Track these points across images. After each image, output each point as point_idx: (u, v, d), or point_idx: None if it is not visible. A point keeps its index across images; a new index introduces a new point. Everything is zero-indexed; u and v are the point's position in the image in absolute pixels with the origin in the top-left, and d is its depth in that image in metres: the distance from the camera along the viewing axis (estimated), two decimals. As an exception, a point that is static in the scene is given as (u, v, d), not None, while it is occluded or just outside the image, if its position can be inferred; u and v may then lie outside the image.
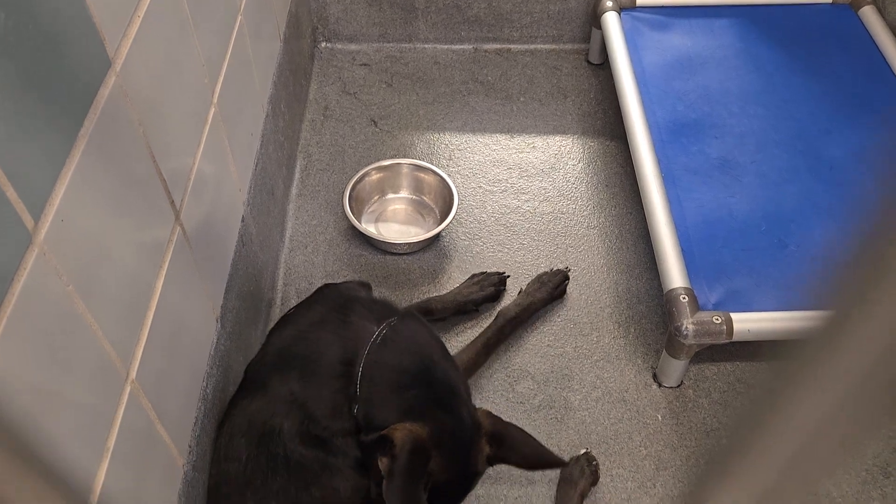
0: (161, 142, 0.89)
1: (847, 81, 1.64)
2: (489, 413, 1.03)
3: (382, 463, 0.94)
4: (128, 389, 0.80)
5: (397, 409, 0.97)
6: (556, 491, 1.22)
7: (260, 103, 1.41)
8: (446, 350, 1.07)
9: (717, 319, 1.24)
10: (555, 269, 1.50)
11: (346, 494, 1.00)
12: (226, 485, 1.01)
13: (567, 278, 1.49)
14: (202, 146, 1.05)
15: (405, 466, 0.91)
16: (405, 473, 0.91)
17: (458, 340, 1.41)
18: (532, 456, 1.02)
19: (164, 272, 0.91)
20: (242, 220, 1.26)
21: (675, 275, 1.30)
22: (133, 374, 0.82)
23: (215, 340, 1.11)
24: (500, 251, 1.56)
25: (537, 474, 1.25)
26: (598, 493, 1.24)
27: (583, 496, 1.21)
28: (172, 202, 0.94)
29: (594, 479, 1.23)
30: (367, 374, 0.99)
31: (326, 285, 1.21)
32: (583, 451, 1.26)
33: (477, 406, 1.05)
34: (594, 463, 1.24)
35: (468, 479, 1.01)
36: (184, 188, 0.98)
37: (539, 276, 1.47)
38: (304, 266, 1.52)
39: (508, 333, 1.40)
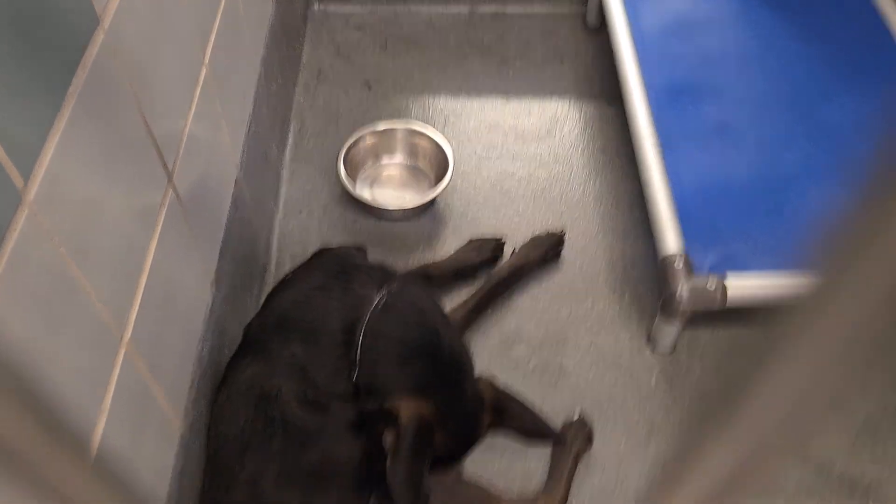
0: (152, 102, 0.88)
1: (847, 46, 1.63)
2: (492, 384, 1.04)
3: (387, 438, 0.93)
4: (122, 351, 0.80)
5: (400, 380, 0.96)
6: (551, 454, 1.24)
7: (252, 65, 1.38)
8: (447, 318, 1.07)
9: (712, 285, 1.24)
10: (550, 231, 1.49)
11: (344, 458, 1.01)
12: (224, 448, 1.01)
13: (562, 241, 1.49)
14: (194, 107, 1.04)
15: (411, 446, 0.91)
16: (410, 453, 0.91)
17: (454, 306, 1.41)
18: (529, 429, 1.04)
19: (157, 235, 0.90)
20: (236, 184, 1.25)
21: (670, 240, 1.30)
22: (127, 337, 0.81)
23: (210, 304, 1.11)
24: (496, 216, 1.56)
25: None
26: (591, 456, 1.25)
27: (577, 459, 1.22)
28: (165, 164, 0.93)
29: (588, 443, 1.25)
30: (367, 342, 0.98)
31: (323, 250, 1.20)
32: (576, 414, 1.27)
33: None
34: (588, 427, 1.26)
35: (467, 447, 1.02)
36: (176, 150, 0.97)
37: (533, 238, 1.47)
38: (298, 231, 1.52)
39: (500, 294, 1.40)
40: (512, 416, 1.03)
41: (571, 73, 1.83)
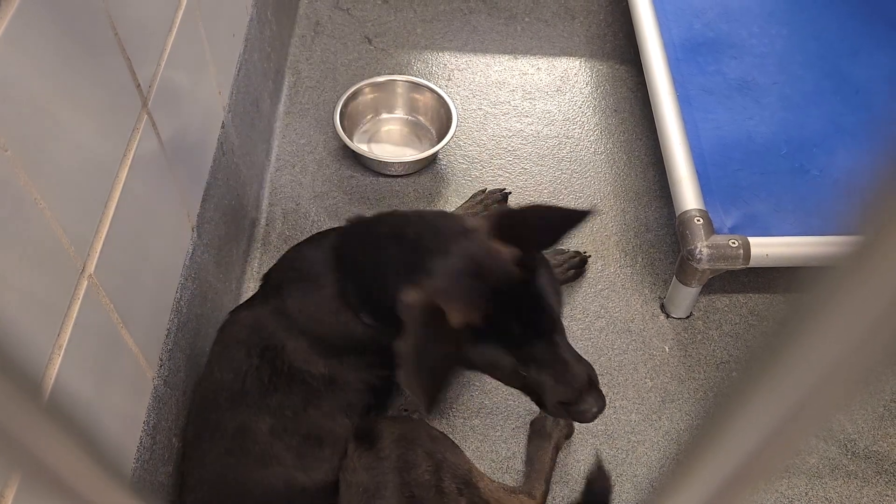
0: (124, 14, 0.79)
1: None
2: (496, 211, 0.90)
3: (398, 346, 0.80)
4: (84, 284, 0.71)
5: (386, 278, 0.86)
6: (528, 444, 1.13)
7: (243, 4, 1.29)
8: (419, 210, 1.00)
9: (734, 243, 1.15)
10: (574, 250, 1.33)
11: (346, 422, 0.94)
12: (216, 395, 0.93)
13: (584, 263, 1.32)
14: (174, 32, 0.94)
15: (416, 343, 0.77)
16: (417, 350, 0.77)
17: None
18: (552, 223, 0.85)
19: (129, 161, 0.81)
20: (223, 126, 1.16)
21: (689, 196, 1.21)
22: (91, 268, 0.73)
23: (191, 250, 1.02)
24: (501, 175, 1.47)
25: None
26: (601, 426, 1.16)
27: (557, 448, 1.11)
28: (139, 86, 0.84)
29: (569, 432, 1.14)
30: (341, 258, 0.93)
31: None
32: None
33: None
34: None
35: (517, 290, 0.81)
36: (152, 74, 0.88)
37: (556, 250, 1.31)
38: (290, 186, 1.43)
39: None
40: (528, 228, 0.84)
41: (583, 31, 1.74)
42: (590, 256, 1.34)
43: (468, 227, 0.85)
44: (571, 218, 0.85)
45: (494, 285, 0.80)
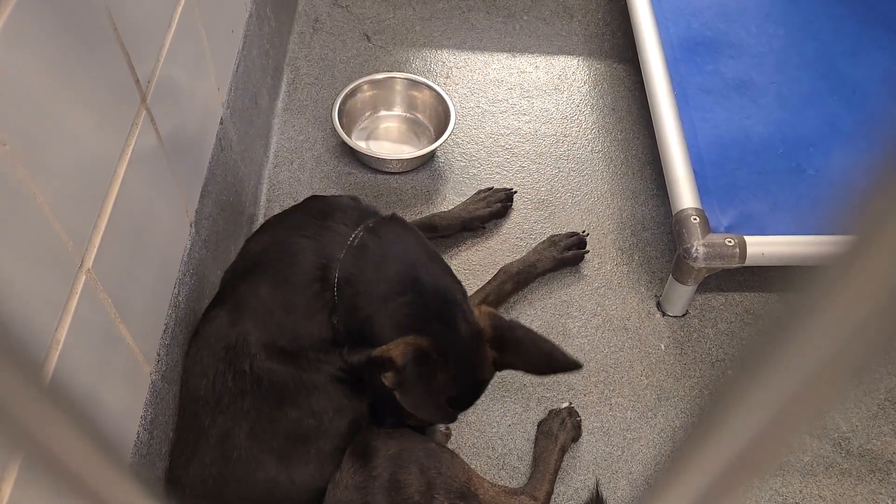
0: (124, 9, 0.79)
1: (873, 0, 1.54)
2: (492, 313, 0.95)
3: (388, 378, 0.87)
4: (82, 279, 0.72)
5: (384, 319, 0.89)
6: (535, 444, 1.13)
7: (242, 0, 1.29)
8: (434, 252, 0.98)
9: (730, 241, 1.16)
10: (569, 231, 1.36)
11: (328, 416, 0.93)
12: (195, 402, 0.92)
13: (583, 243, 1.34)
14: (174, 28, 0.95)
15: (416, 373, 0.86)
16: (417, 378, 0.87)
17: (463, 258, 1.34)
18: (541, 360, 0.93)
19: (127, 156, 0.81)
20: (221, 123, 1.16)
21: (685, 195, 1.22)
22: (89, 263, 0.73)
23: (189, 246, 1.02)
24: (499, 173, 1.47)
25: (532, 400, 1.18)
26: (598, 423, 1.17)
27: (563, 451, 1.11)
28: (137, 81, 0.84)
29: (576, 434, 1.14)
30: (344, 281, 0.91)
31: (313, 196, 1.11)
32: (565, 403, 1.17)
33: (477, 304, 0.97)
34: (577, 418, 1.15)
35: (476, 389, 0.96)
36: (151, 69, 0.88)
37: (551, 237, 1.34)
38: (289, 183, 1.43)
39: (510, 292, 1.27)
40: (518, 348, 0.93)
41: (581, 29, 1.74)
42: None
43: (476, 321, 0.93)
44: (558, 366, 0.94)
45: (470, 378, 0.94)
